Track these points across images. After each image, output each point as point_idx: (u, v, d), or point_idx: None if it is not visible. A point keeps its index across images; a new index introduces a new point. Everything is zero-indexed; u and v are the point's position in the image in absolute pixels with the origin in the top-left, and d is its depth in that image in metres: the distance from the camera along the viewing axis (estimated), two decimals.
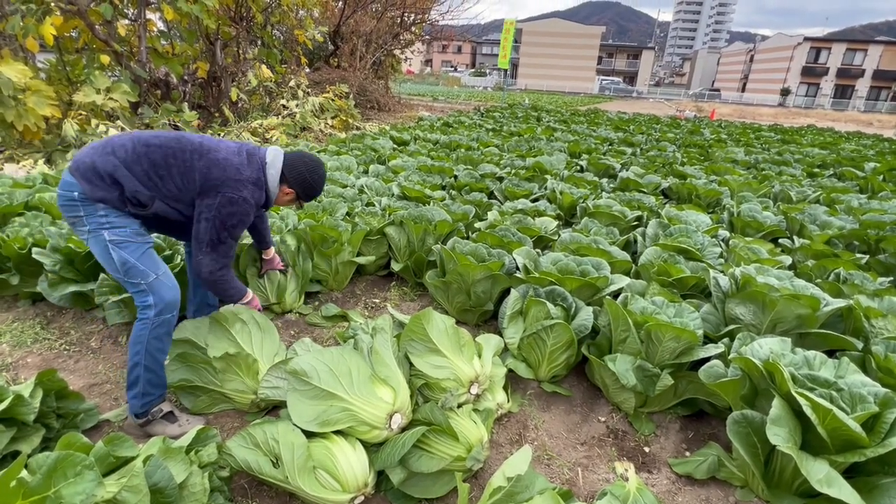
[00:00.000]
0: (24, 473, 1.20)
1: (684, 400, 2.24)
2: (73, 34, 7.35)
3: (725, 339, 2.15)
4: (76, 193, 1.76)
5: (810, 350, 1.89)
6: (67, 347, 2.58)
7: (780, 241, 3.80)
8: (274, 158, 2.03)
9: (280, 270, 2.87)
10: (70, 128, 6.14)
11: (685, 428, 2.25)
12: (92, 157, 1.78)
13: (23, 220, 3.05)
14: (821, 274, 3.03)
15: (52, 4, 6.36)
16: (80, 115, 6.58)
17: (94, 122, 6.34)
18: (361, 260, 3.33)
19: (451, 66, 69.16)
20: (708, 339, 2.28)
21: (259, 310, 2.27)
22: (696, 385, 2.13)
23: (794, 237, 3.80)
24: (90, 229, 1.79)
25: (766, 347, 1.87)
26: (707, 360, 2.06)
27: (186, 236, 2.09)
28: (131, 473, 1.27)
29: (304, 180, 2.08)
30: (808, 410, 1.52)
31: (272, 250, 2.77)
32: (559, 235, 3.45)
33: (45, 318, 2.82)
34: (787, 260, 3.15)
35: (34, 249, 2.65)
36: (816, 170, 7.34)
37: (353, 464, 1.66)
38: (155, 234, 2.48)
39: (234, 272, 2.36)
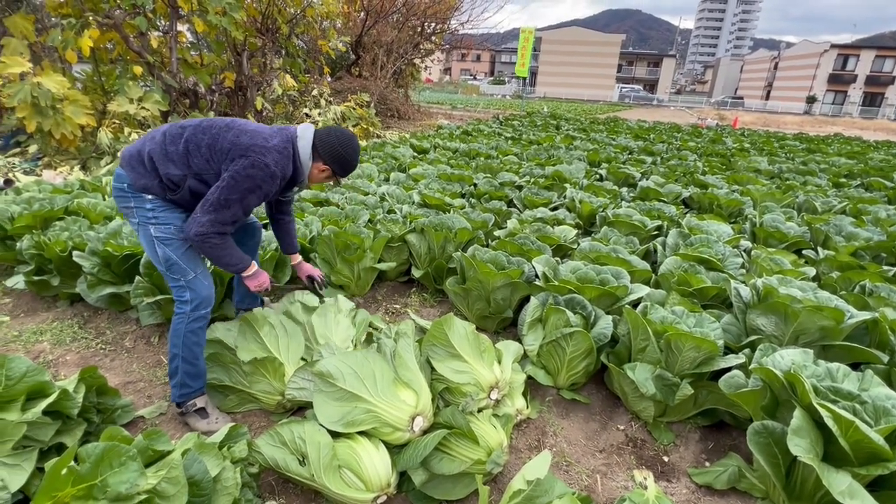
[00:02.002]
0: (72, 463, 1.28)
1: (704, 410, 2.24)
2: (109, 46, 7.66)
3: (746, 350, 2.15)
4: (125, 185, 1.87)
5: (834, 362, 1.88)
6: (103, 346, 2.70)
7: (804, 252, 3.75)
8: (304, 131, 1.99)
9: (319, 286, 2.61)
10: (104, 136, 6.39)
11: (705, 438, 2.24)
12: (135, 146, 1.90)
13: (63, 224, 3.20)
14: (846, 286, 2.99)
15: (90, 18, 6.65)
16: (114, 123, 6.85)
17: (126, 130, 6.59)
18: (383, 266, 3.40)
19: (470, 75, 69.57)
20: (729, 350, 2.28)
21: (268, 288, 2.15)
22: (717, 395, 2.13)
23: (819, 248, 3.75)
24: (139, 222, 1.90)
25: (788, 358, 1.87)
26: (728, 370, 2.06)
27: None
28: (170, 466, 1.35)
29: (337, 152, 1.99)
30: (829, 422, 1.52)
31: (298, 256, 2.62)
32: (578, 244, 3.47)
33: (82, 318, 2.95)
34: (811, 271, 3.11)
35: (74, 252, 2.79)
36: (843, 180, 7.19)
37: (376, 464, 1.71)
38: None
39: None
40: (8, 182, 5.37)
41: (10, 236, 3.24)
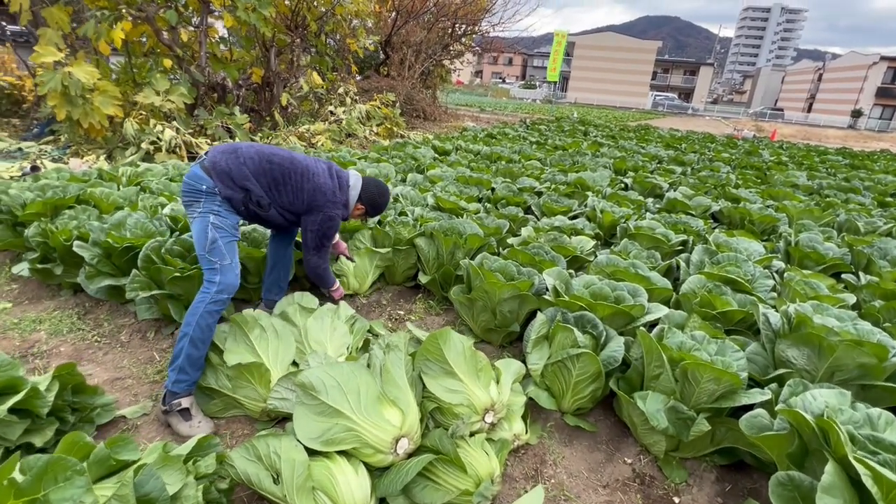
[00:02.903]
0: (17, 473, 1.19)
1: (722, 448, 2.03)
2: (142, 39, 7.81)
3: (773, 385, 1.94)
4: (204, 186, 2.12)
5: (874, 406, 1.66)
6: (99, 339, 2.66)
7: (844, 276, 3.45)
8: (356, 182, 2.54)
9: (347, 257, 3.15)
10: (130, 127, 6.48)
11: (722, 479, 2.04)
12: (228, 164, 2.16)
13: (72, 213, 3.19)
14: (890, 317, 2.71)
15: (124, 11, 6.78)
16: (141, 115, 6.95)
17: (152, 122, 6.67)
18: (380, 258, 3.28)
19: (500, 78, 69.29)
20: (753, 383, 2.07)
21: (342, 298, 2.78)
22: (737, 433, 1.92)
23: (860, 273, 3.45)
24: (201, 211, 2.14)
25: (821, 400, 1.65)
26: (751, 406, 1.85)
27: (277, 228, 2.62)
28: (121, 483, 1.24)
29: (375, 201, 2.62)
30: (868, 481, 1.31)
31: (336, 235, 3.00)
32: (595, 256, 3.28)
33: (82, 309, 2.92)
34: (851, 299, 2.85)
35: (76, 242, 2.75)
36: (889, 199, 6.73)
37: (353, 488, 1.58)
38: (252, 227, 3.17)
39: None
40: (34, 168, 5.49)
41: (22, 223, 3.25)
